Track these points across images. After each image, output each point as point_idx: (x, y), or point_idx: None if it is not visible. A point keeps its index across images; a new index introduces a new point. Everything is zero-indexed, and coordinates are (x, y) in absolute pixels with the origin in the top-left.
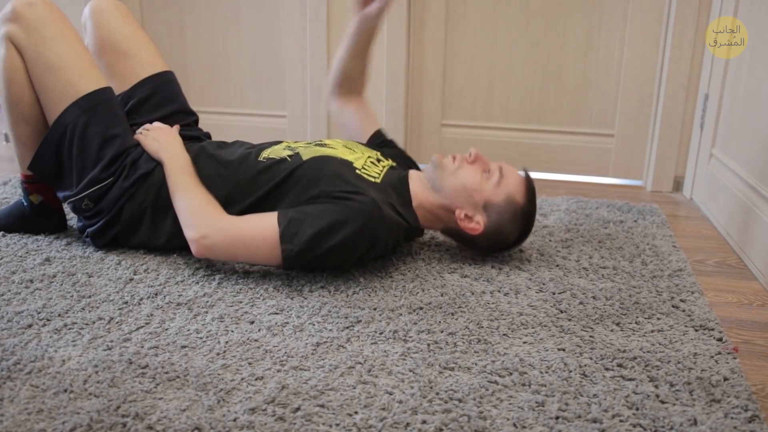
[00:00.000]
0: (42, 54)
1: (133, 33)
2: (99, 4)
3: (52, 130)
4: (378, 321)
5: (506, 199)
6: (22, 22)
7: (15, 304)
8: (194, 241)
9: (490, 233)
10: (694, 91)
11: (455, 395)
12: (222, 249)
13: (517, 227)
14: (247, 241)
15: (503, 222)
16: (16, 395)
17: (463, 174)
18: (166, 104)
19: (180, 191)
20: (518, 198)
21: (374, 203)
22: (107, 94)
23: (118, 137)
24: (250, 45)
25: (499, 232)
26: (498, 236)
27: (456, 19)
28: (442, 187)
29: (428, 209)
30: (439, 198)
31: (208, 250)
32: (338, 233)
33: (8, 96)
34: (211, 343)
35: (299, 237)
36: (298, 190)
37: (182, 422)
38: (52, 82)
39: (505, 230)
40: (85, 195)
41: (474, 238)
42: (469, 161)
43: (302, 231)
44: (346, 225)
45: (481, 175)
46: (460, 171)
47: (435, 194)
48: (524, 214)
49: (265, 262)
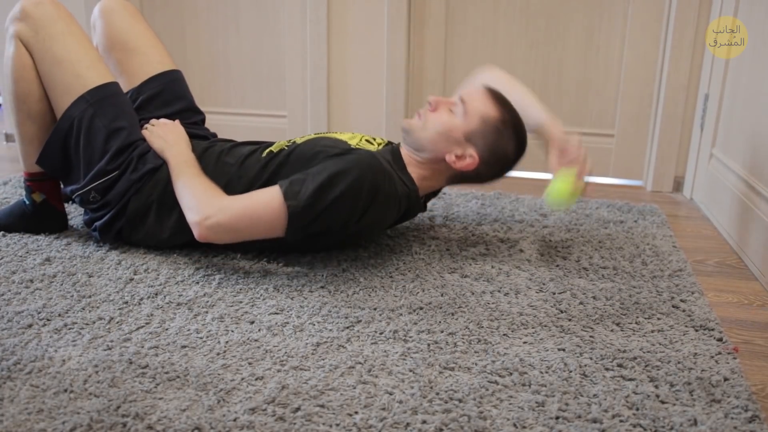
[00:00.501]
0: (50, 49)
1: (143, 32)
2: (109, 4)
3: (60, 123)
4: (378, 321)
5: (481, 120)
6: (30, 21)
7: (15, 304)
8: (197, 224)
9: (488, 158)
10: (694, 91)
11: (455, 395)
12: (225, 227)
13: (508, 138)
14: (249, 211)
15: (491, 141)
16: (16, 395)
17: (432, 123)
18: (173, 102)
19: (182, 179)
20: (491, 112)
21: (371, 154)
22: (114, 88)
23: (123, 129)
24: (250, 45)
25: (495, 152)
26: (497, 156)
27: (456, 19)
28: (421, 145)
29: (423, 170)
30: (425, 155)
31: (211, 230)
32: (339, 184)
33: (16, 92)
34: (211, 343)
35: (303, 193)
36: (298, 167)
37: (182, 422)
38: (59, 75)
39: (500, 147)
40: (92, 187)
41: (479, 172)
42: (432, 109)
43: (305, 187)
44: (347, 174)
45: (448, 114)
46: (428, 123)
47: (421, 154)
48: (506, 122)
49: (268, 230)
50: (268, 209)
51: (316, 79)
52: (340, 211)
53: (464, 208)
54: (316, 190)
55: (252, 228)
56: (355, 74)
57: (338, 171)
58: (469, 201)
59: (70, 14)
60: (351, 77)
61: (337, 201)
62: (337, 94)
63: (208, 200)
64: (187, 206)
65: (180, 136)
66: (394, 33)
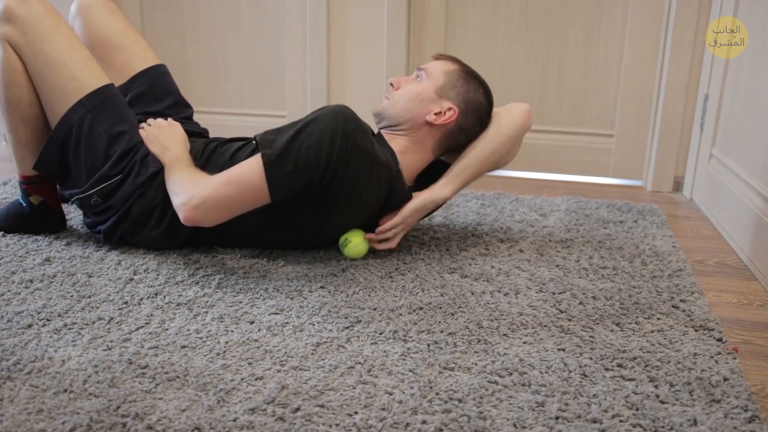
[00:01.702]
0: (41, 51)
1: (123, 27)
2: (86, 1)
3: (57, 129)
4: (378, 321)
5: (445, 74)
6: (18, 21)
7: (15, 304)
8: (182, 205)
9: (465, 107)
10: (694, 91)
11: (455, 395)
12: (210, 201)
13: (476, 84)
14: (233, 179)
15: (462, 89)
16: (16, 395)
17: (400, 95)
18: (163, 97)
19: (172, 174)
20: (450, 67)
21: (345, 106)
22: (111, 90)
23: (125, 134)
24: (250, 45)
25: (468, 99)
26: (472, 104)
27: (456, 19)
28: (397, 119)
29: (405, 141)
30: (405, 126)
31: (197, 209)
32: (313, 131)
33: (7, 98)
34: (211, 343)
35: (277, 141)
36: None
37: (182, 422)
38: (53, 78)
39: (471, 93)
40: (94, 192)
41: (460, 125)
42: (396, 88)
43: (279, 137)
44: (318, 121)
45: (413, 83)
46: (395, 97)
47: (400, 128)
48: (467, 71)
49: (254, 197)
50: (251, 170)
51: (316, 79)
52: (316, 156)
53: (464, 208)
54: (289, 138)
55: (238, 195)
56: (355, 74)
57: (311, 119)
58: (468, 201)
59: (57, 12)
60: (351, 77)
61: (311, 147)
62: (337, 94)
63: (193, 183)
64: (173, 193)
65: (178, 138)
66: (393, 33)
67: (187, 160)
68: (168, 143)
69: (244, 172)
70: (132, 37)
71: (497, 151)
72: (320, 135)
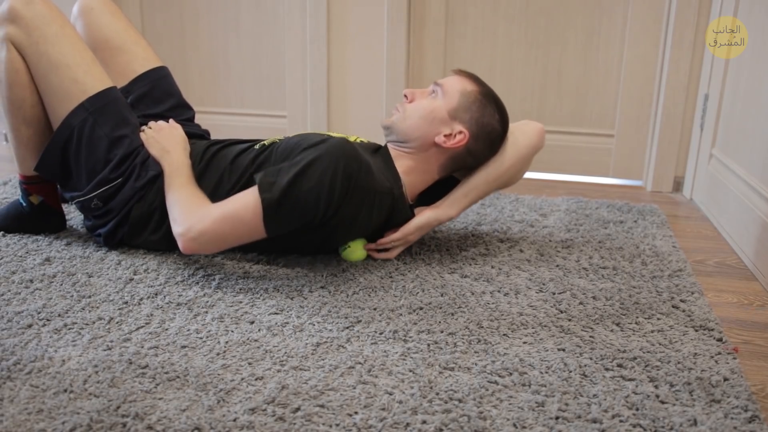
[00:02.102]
0: (45, 53)
1: (124, 29)
2: (88, 2)
3: (59, 132)
4: (378, 321)
5: (461, 95)
6: (22, 22)
7: (15, 304)
8: (180, 236)
9: (477, 131)
10: (694, 91)
11: (455, 395)
12: (208, 234)
13: (492, 109)
14: (230, 214)
15: (476, 113)
16: (16, 395)
17: (412, 111)
18: (164, 99)
19: (170, 191)
20: (469, 87)
21: (346, 141)
22: (113, 93)
23: (125, 137)
24: (250, 45)
25: (481, 124)
26: (484, 128)
27: (456, 19)
28: (407, 135)
29: (412, 160)
30: (413, 144)
31: (195, 241)
32: (312, 173)
33: (10, 98)
34: (211, 343)
35: (277, 185)
36: (281, 160)
37: (182, 422)
38: (56, 81)
39: (485, 118)
40: (95, 195)
41: (469, 149)
42: (409, 101)
43: (279, 179)
44: (319, 162)
45: (427, 99)
46: (408, 112)
47: (408, 145)
48: (485, 94)
49: (251, 232)
50: (247, 208)
51: (316, 79)
52: (315, 201)
53: None
54: (289, 181)
55: (234, 230)
56: (355, 74)
57: (311, 160)
58: None
59: (62, 13)
60: (351, 77)
61: (311, 191)
62: (337, 94)
63: (191, 211)
64: (173, 219)
65: (177, 141)
66: (393, 33)
67: (187, 171)
68: (168, 146)
69: (241, 210)
70: (133, 38)
71: (508, 171)
72: (320, 178)
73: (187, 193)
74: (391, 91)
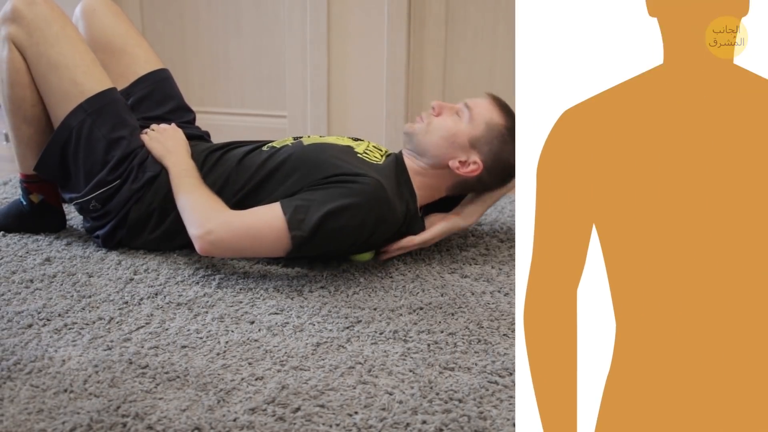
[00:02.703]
0: (45, 53)
1: (126, 30)
2: (91, 3)
3: (58, 132)
4: (378, 321)
5: (487, 126)
6: (23, 22)
7: (15, 304)
8: (198, 238)
9: (491, 165)
10: None
11: (455, 395)
12: (227, 243)
13: (512, 146)
14: (252, 231)
15: (496, 148)
16: (16, 395)
17: (436, 127)
18: (164, 102)
19: (182, 192)
20: (497, 119)
21: (378, 184)
22: (112, 94)
23: (123, 139)
24: (250, 45)
25: (499, 159)
26: (501, 164)
27: (456, 19)
28: (424, 149)
29: (425, 177)
30: (428, 160)
31: (213, 245)
32: (344, 216)
33: (11, 97)
34: (211, 343)
35: (307, 222)
36: (300, 174)
37: (182, 422)
38: (56, 81)
39: (504, 155)
40: (93, 197)
41: (481, 178)
42: (436, 114)
43: (309, 217)
44: (352, 208)
45: (453, 119)
46: (431, 126)
47: (423, 159)
48: (511, 130)
49: (270, 252)
50: (271, 233)
51: (316, 79)
52: (344, 241)
53: None
54: (321, 220)
55: (254, 247)
56: (355, 74)
57: (344, 205)
58: None
59: (64, 14)
60: (351, 77)
61: (341, 232)
62: (337, 94)
63: (209, 214)
64: (188, 221)
65: (179, 143)
66: (394, 33)
67: (195, 173)
68: (171, 147)
69: (264, 229)
70: (135, 40)
71: None
72: (351, 222)
73: (202, 196)
74: (391, 91)
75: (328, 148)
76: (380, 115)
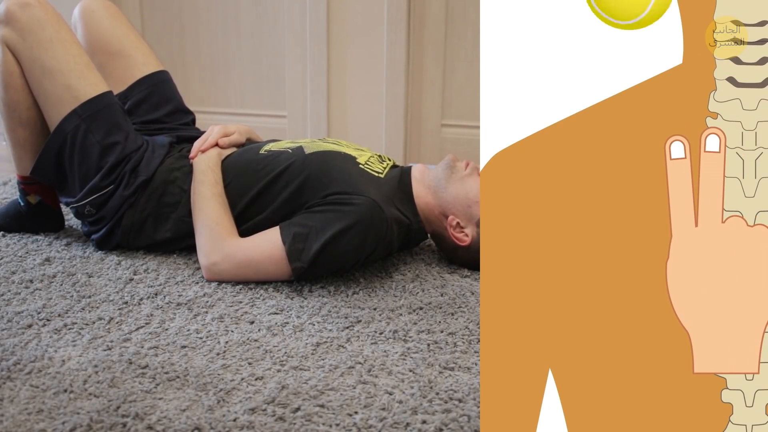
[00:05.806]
0: (38, 58)
1: (125, 33)
2: (89, 4)
3: (52, 138)
4: (378, 321)
5: None
6: (17, 25)
7: (15, 304)
8: (205, 268)
9: (475, 250)
10: None
11: (455, 395)
12: (232, 275)
13: None
14: (254, 264)
15: None
16: (16, 395)
17: (470, 183)
18: (163, 104)
19: (197, 205)
20: None
21: (374, 204)
22: (107, 99)
23: (118, 144)
24: (250, 45)
25: None
26: (478, 254)
27: (456, 19)
28: (446, 189)
29: (423, 209)
30: (437, 200)
31: (218, 276)
32: (342, 240)
33: (5, 101)
34: (211, 343)
35: (306, 253)
36: (298, 185)
37: (182, 422)
38: (49, 86)
39: None
40: (87, 202)
41: (457, 249)
42: (476, 176)
43: (308, 246)
44: (350, 232)
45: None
46: (468, 179)
47: (435, 195)
48: None
49: (274, 279)
50: (272, 264)
51: (316, 79)
52: (346, 262)
53: None
54: (320, 249)
55: (258, 277)
56: (355, 74)
57: (341, 230)
58: None
59: (59, 16)
60: (351, 77)
61: (341, 256)
62: (337, 94)
63: (216, 243)
64: (198, 246)
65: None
66: (393, 33)
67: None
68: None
69: (265, 261)
70: (134, 42)
71: None
72: (351, 245)
73: (211, 217)
74: (391, 91)
75: (329, 159)
76: (380, 115)
